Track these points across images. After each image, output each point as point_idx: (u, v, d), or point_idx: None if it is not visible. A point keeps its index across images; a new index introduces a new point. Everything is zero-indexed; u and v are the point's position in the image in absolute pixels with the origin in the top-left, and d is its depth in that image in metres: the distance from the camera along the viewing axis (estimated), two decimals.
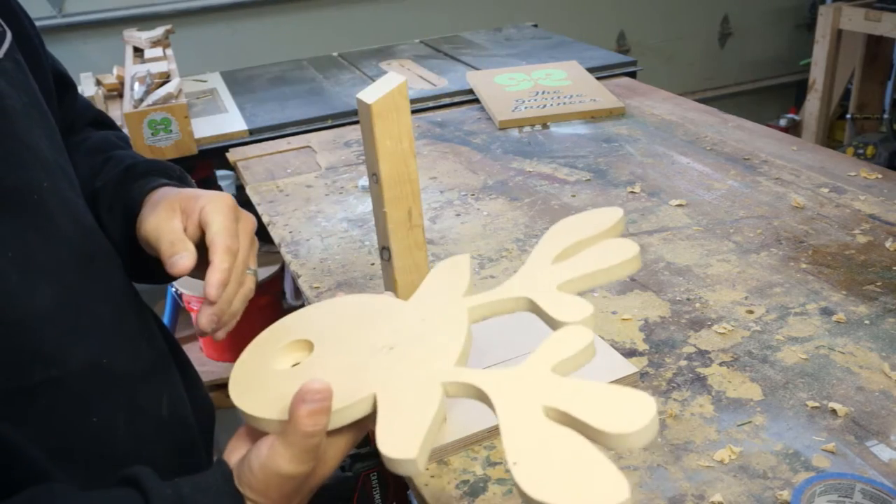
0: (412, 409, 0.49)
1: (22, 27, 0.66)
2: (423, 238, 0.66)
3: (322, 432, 0.51)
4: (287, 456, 0.50)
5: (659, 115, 1.55)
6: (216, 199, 0.65)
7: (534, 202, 1.22)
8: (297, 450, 0.50)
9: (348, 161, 1.44)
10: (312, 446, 0.51)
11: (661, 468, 0.69)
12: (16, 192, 0.54)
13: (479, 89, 1.71)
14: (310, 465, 0.52)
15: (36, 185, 0.56)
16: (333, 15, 2.88)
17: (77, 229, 0.60)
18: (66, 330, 0.56)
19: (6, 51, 0.59)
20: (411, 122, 0.61)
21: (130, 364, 0.62)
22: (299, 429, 0.50)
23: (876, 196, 1.14)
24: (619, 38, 3.43)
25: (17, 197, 0.54)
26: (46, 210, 0.57)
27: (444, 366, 0.52)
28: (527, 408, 0.45)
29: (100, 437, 0.58)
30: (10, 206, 0.54)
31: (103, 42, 2.54)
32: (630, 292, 0.96)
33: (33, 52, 0.66)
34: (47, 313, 0.54)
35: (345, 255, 1.10)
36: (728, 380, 0.79)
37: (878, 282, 0.94)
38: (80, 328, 0.57)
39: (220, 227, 0.63)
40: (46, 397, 0.54)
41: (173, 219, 0.64)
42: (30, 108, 0.59)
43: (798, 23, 3.77)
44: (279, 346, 0.58)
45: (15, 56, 0.61)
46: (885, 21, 2.67)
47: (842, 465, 0.68)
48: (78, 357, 0.56)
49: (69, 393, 0.55)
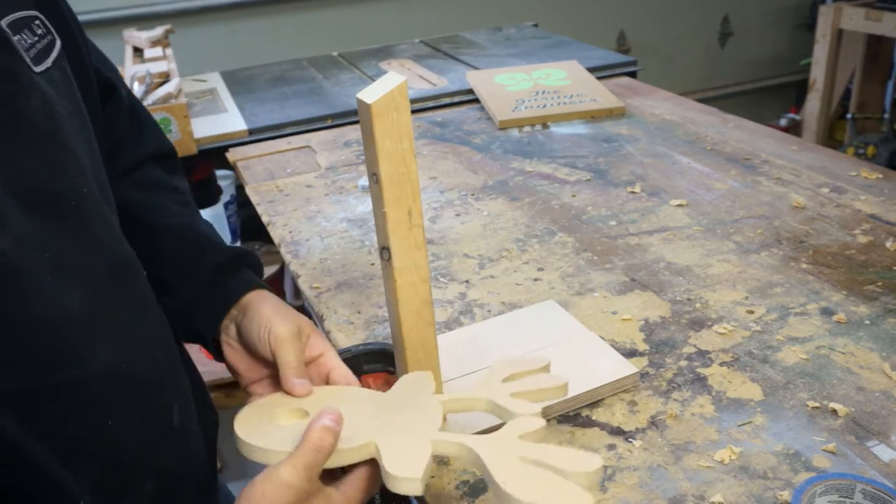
0: (411, 450, 0.58)
1: (71, 34, 0.67)
2: (423, 238, 0.66)
3: (327, 452, 0.56)
4: (290, 463, 0.55)
5: (659, 114, 1.55)
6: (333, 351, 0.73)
7: (534, 202, 1.22)
8: (302, 460, 0.55)
9: (348, 161, 1.44)
10: (316, 463, 0.56)
11: (661, 468, 0.69)
12: (58, 197, 0.57)
13: (479, 89, 1.71)
14: (308, 483, 0.55)
15: (76, 190, 0.59)
16: (333, 15, 2.88)
17: (107, 236, 0.62)
18: (90, 334, 0.57)
19: (55, 59, 0.61)
20: (411, 122, 0.61)
21: (147, 371, 0.63)
22: (309, 440, 0.56)
23: (876, 196, 1.14)
24: (619, 38, 3.43)
25: (58, 201, 0.57)
26: (83, 216, 0.59)
27: (430, 428, 0.61)
28: (507, 455, 0.56)
29: (114, 442, 0.59)
30: (51, 209, 0.56)
31: (103, 42, 2.51)
32: (630, 292, 0.96)
33: (80, 60, 0.68)
34: (75, 316, 0.56)
35: (345, 255, 1.10)
36: (728, 380, 0.79)
37: (879, 282, 0.94)
38: (102, 333, 0.58)
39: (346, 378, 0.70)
40: (66, 398, 0.55)
41: (298, 341, 0.70)
42: (73, 116, 0.61)
43: (798, 23, 3.77)
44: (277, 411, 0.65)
45: (62, 64, 0.62)
46: (886, 21, 2.67)
47: (842, 465, 0.68)
48: (99, 361, 0.57)
49: (88, 396, 0.57)
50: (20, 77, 0.56)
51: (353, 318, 0.95)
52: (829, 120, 3.08)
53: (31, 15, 0.60)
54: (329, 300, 0.99)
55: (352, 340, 0.90)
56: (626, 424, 0.74)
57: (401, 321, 0.68)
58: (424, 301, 0.68)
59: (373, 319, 0.95)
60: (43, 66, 0.59)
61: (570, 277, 1.00)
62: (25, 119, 0.56)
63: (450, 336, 0.88)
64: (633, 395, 0.78)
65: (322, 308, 0.98)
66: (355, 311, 0.96)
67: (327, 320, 0.95)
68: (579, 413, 0.76)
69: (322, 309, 0.98)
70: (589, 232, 1.11)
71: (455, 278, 1.02)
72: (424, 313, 0.69)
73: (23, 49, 0.57)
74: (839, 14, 2.84)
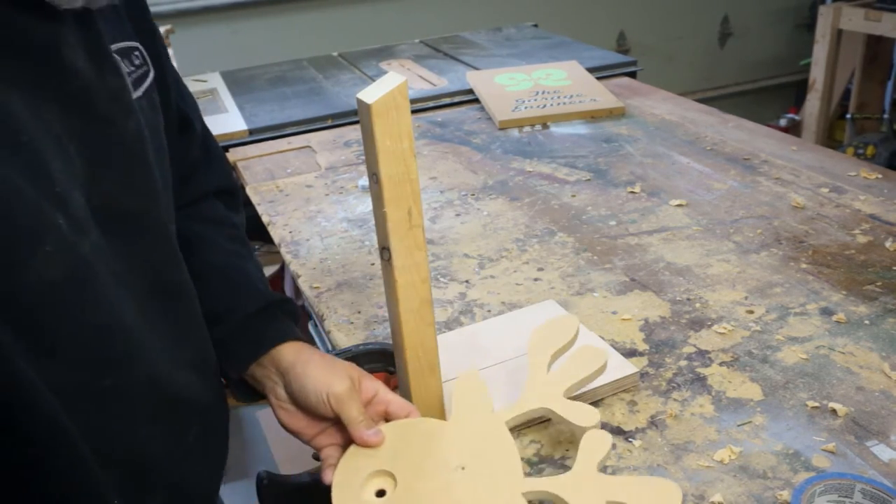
0: None
1: (161, 66, 0.72)
2: (423, 238, 0.66)
3: None
4: None
5: (659, 115, 1.55)
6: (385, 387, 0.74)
7: (534, 202, 1.22)
8: None
9: (348, 161, 1.44)
10: None
11: (661, 468, 0.69)
12: (128, 215, 0.61)
13: (479, 89, 1.71)
14: None
15: (145, 211, 0.64)
16: (333, 15, 2.88)
17: (164, 258, 0.67)
18: (138, 345, 0.61)
19: (146, 89, 0.66)
20: (411, 122, 0.61)
21: (181, 391, 0.67)
22: None
23: (876, 196, 1.14)
24: (619, 38, 3.43)
25: (127, 219, 0.61)
26: (146, 235, 0.64)
27: (515, 479, 0.63)
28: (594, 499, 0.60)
29: (139, 450, 0.62)
30: (123, 226, 0.61)
31: None
32: (630, 292, 0.96)
33: (166, 92, 0.73)
34: (127, 326, 0.60)
35: (345, 255, 1.10)
36: (728, 380, 0.79)
37: (878, 282, 0.94)
38: (148, 346, 0.62)
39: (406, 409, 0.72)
40: (108, 401, 0.59)
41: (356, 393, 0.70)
42: (154, 143, 0.66)
43: (798, 23, 3.77)
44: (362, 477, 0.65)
45: (152, 95, 0.67)
46: (885, 21, 2.67)
47: (842, 465, 0.68)
48: (142, 371, 0.61)
49: (127, 402, 0.60)
50: (123, 101, 0.61)
51: (353, 318, 0.95)
52: (828, 120, 3.08)
53: (133, 45, 0.66)
54: (329, 300, 0.99)
55: (352, 340, 0.91)
56: (625, 424, 0.75)
57: (401, 321, 0.68)
58: (424, 301, 0.68)
59: (373, 319, 0.95)
60: (138, 93, 0.64)
61: (570, 277, 1.00)
62: (121, 140, 0.61)
63: (450, 336, 0.88)
64: (633, 395, 0.78)
65: (322, 308, 0.98)
66: (355, 311, 0.97)
67: (327, 320, 0.96)
68: None
69: (322, 309, 0.98)
70: (589, 232, 1.11)
71: (455, 278, 1.02)
72: (424, 313, 0.69)
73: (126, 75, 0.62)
74: (839, 14, 2.84)
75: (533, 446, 0.73)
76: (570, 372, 0.71)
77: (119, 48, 0.63)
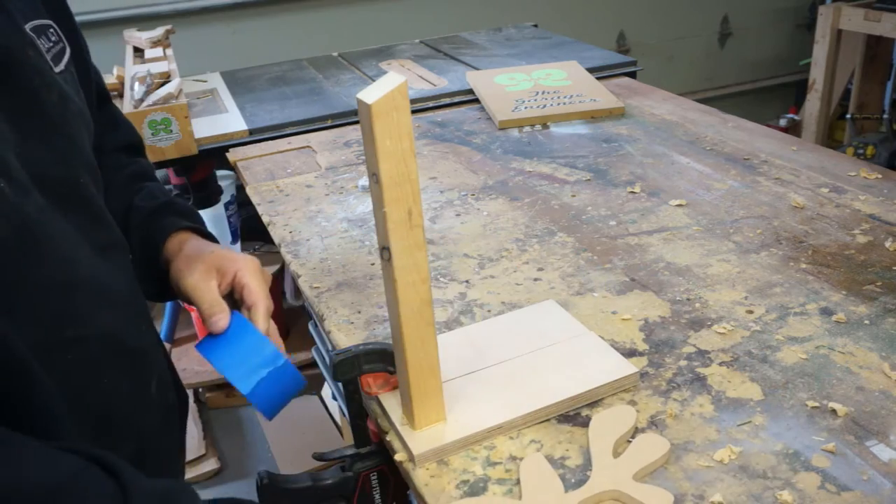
0: None
1: (77, 43, 0.76)
2: (423, 238, 0.66)
3: None
4: None
5: (659, 115, 1.56)
6: (249, 263, 0.79)
7: (534, 202, 1.22)
8: None
9: (348, 161, 1.44)
10: None
11: (661, 468, 0.69)
12: (58, 183, 0.65)
13: (479, 89, 1.71)
14: None
15: (74, 179, 0.67)
16: (333, 15, 2.88)
17: (101, 219, 0.71)
18: (92, 299, 0.65)
19: (65, 64, 0.70)
20: (411, 122, 0.61)
21: (135, 341, 0.71)
22: None
23: (876, 196, 1.14)
24: (619, 38, 3.43)
25: (57, 187, 0.64)
26: (79, 201, 0.68)
27: None
28: None
29: (109, 400, 0.67)
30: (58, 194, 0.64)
31: (103, 42, 2.53)
32: (630, 292, 0.96)
33: (84, 67, 0.78)
34: (81, 282, 0.64)
35: (345, 255, 1.11)
36: (728, 380, 0.79)
37: (878, 282, 0.94)
38: (101, 300, 0.67)
39: (258, 292, 0.78)
40: (73, 353, 0.63)
41: (210, 280, 0.76)
42: (78, 114, 0.70)
43: (798, 23, 3.78)
44: None
45: (71, 69, 0.72)
46: (885, 21, 2.67)
47: (842, 464, 0.68)
48: (98, 324, 0.66)
49: (89, 354, 0.65)
50: (44, 74, 0.65)
51: (353, 318, 0.95)
52: (828, 120, 3.08)
53: (47, 23, 0.69)
54: (329, 300, 0.99)
55: (352, 340, 0.91)
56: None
57: (401, 321, 0.68)
58: (424, 301, 0.68)
59: (373, 319, 0.95)
60: (59, 68, 0.68)
61: (570, 277, 1.00)
62: (43, 111, 0.64)
63: (450, 336, 0.88)
64: (633, 395, 0.78)
65: (322, 308, 0.98)
66: (355, 311, 0.97)
67: (327, 320, 0.96)
68: (579, 413, 0.76)
69: (322, 309, 0.98)
70: (589, 232, 1.11)
71: (455, 278, 1.02)
72: (424, 313, 0.69)
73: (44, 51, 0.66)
74: (838, 14, 2.84)
75: (533, 446, 0.73)
76: (636, 457, 0.70)
77: (33, 26, 0.67)
